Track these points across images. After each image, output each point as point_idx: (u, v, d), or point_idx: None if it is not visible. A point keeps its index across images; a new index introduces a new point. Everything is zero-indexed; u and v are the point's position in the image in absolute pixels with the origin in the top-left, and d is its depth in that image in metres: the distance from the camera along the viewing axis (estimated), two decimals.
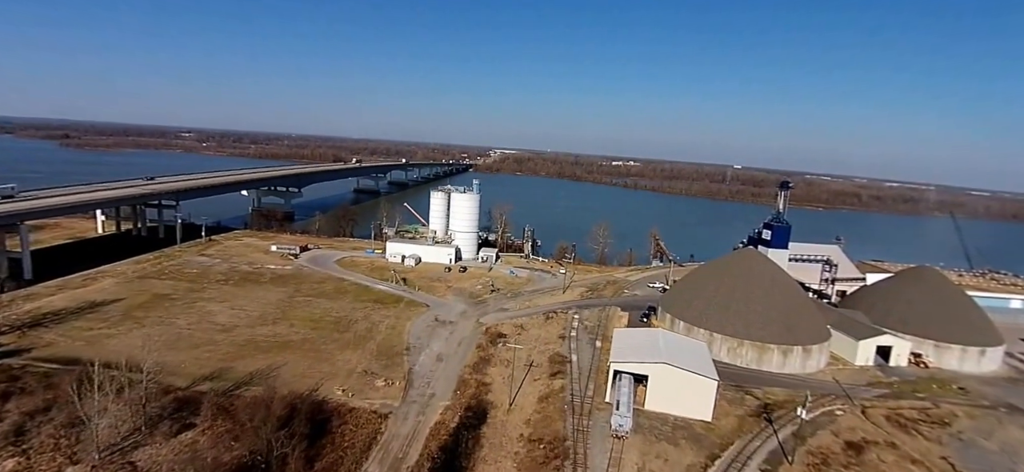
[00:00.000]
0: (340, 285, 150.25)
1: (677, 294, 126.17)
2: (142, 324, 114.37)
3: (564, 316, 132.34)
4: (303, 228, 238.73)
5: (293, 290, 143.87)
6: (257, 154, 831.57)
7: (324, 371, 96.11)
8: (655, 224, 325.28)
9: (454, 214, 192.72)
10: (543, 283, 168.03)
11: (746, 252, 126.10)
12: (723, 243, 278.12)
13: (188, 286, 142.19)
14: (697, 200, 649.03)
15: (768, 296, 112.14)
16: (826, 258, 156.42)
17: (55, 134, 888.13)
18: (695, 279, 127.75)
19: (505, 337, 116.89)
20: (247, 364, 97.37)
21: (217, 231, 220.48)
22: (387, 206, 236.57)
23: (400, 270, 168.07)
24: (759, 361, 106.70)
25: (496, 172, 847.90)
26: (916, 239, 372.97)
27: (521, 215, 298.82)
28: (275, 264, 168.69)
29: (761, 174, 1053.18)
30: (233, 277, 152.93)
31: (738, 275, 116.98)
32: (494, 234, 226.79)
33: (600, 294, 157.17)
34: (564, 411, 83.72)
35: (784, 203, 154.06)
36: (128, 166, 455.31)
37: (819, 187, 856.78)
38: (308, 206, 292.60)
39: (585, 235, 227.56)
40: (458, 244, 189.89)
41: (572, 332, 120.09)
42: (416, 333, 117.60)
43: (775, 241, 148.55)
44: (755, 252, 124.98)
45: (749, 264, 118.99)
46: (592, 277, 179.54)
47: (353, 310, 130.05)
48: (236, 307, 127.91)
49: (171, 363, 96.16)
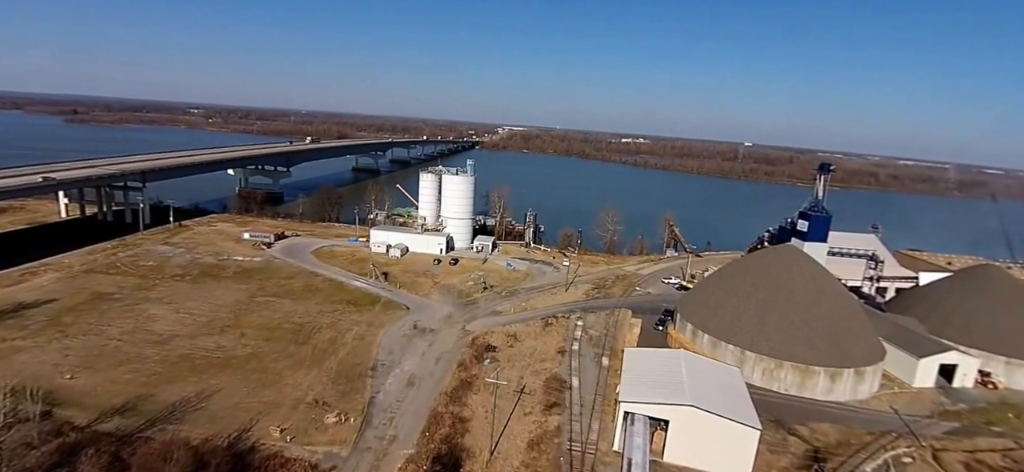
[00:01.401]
0: (311, 282, 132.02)
1: (700, 298, 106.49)
2: (66, 333, 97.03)
3: (565, 322, 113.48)
4: (286, 212, 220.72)
5: (256, 288, 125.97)
6: (261, 131, 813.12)
7: (266, 401, 78.17)
8: (668, 208, 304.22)
9: (446, 198, 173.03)
10: (543, 278, 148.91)
11: (785, 249, 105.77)
12: (743, 230, 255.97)
13: (136, 283, 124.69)
14: (709, 179, 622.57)
15: (813, 306, 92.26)
16: (871, 253, 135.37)
17: (64, 110, 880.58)
18: (722, 281, 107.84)
19: (494, 350, 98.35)
20: (173, 390, 79.69)
21: (193, 214, 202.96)
22: (375, 189, 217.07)
23: (382, 263, 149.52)
24: (801, 386, 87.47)
25: (503, 149, 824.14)
26: (947, 224, 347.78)
27: (524, 197, 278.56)
28: (243, 255, 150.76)
29: (775, 152, 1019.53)
30: (192, 271, 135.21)
31: (775, 278, 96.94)
32: (492, 218, 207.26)
33: (608, 292, 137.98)
34: (559, 465, 65.26)
35: (824, 189, 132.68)
36: (127, 142, 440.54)
37: (836, 166, 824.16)
38: (300, 186, 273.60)
39: (592, 220, 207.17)
40: (450, 232, 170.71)
41: (574, 344, 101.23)
42: (388, 346, 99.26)
43: (813, 233, 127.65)
44: (795, 249, 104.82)
45: (789, 264, 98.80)
46: (599, 271, 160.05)
47: (319, 315, 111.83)
48: (184, 310, 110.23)
49: (80, 389, 79.01)
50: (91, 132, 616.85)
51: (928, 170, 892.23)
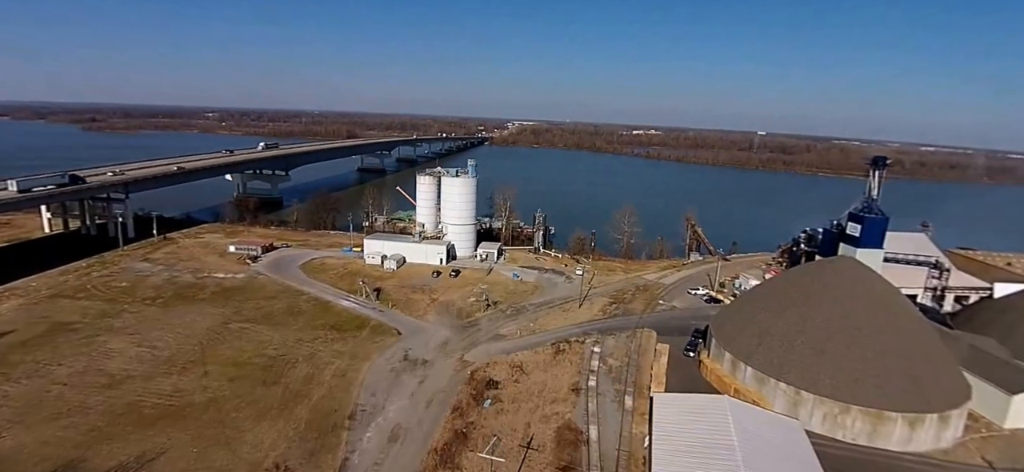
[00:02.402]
0: (294, 303, 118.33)
1: (738, 319, 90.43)
2: (9, 376, 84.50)
3: (580, 347, 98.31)
4: (281, 219, 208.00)
5: (232, 312, 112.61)
6: (271, 132, 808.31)
7: (216, 467, 64.33)
8: (686, 203, 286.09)
9: (446, 202, 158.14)
10: (554, 291, 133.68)
11: (842, 262, 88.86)
12: (771, 226, 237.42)
13: (102, 309, 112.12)
14: (725, 170, 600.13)
15: (883, 333, 75.89)
16: (935, 260, 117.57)
17: (83, 118, 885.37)
18: (765, 298, 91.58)
19: (497, 388, 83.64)
20: (110, 452, 66.44)
21: (184, 224, 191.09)
22: (373, 192, 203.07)
23: (376, 277, 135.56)
24: (872, 435, 71.27)
25: (513, 144, 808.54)
26: (990, 216, 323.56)
27: (533, 196, 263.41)
28: (225, 272, 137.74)
29: (791, 141, 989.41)
30: (165, 293, 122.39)
31: (833, 298, 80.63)
32: (500, 220, 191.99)
33: (627, 307, 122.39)
34: None
35: (878, 186, 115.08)
36: (138, 148, 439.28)
37: (856, 154, 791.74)
38: (302, 190, 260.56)
39: (606, 220, 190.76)
40: (451, 240, 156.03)
41: (590, 378, 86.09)
42: (372, 384, 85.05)
43: (867, 238, 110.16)
44: (854, 262, 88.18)
45: (849, 281, 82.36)
46: (616, 280, 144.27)
47: (297, 345, 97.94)
48: (146, 342, 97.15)
49: (4, 452, 66.15)
50: (104, 139, 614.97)
51: (953, 156, 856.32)
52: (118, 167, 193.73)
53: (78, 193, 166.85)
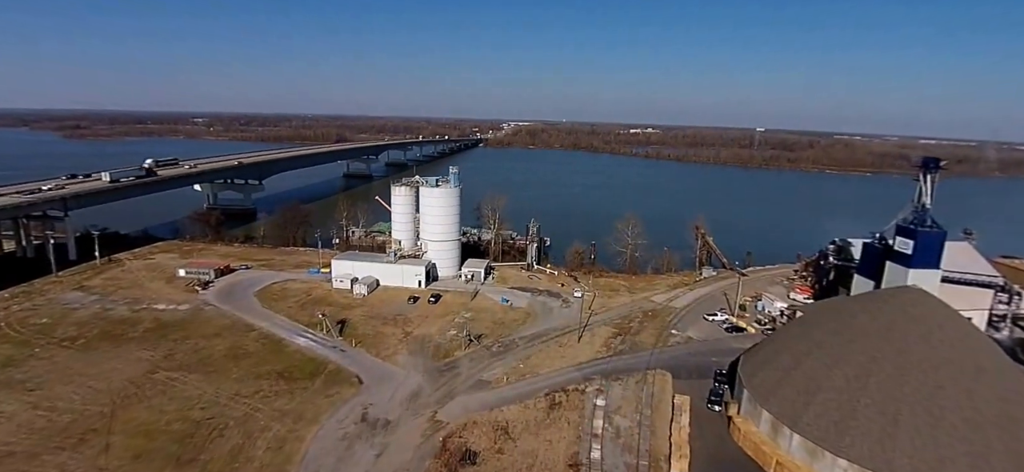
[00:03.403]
0: (239, 342, 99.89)
1: (775, 365, 72.42)
2: None
3: (579, 398, 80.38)
4: (248, 234, 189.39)
5: (163, 355, 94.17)
6: (260, 137, 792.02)
7: None
8: (693, 207, 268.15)
9: (425, 216, 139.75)
10: (549, 319, 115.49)
11: (908, 295, 70.79)
12: (789, 234, 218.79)
13: (8, 354, 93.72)
14: (728, 169, 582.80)
15: (974, 390, 58.17)
16: (1003, 282, 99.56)
17: (67, 126, 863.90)
18: (806, 338, 73.49)
19: (475, 461, 65.62)
20: None
21: (137, 243, 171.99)
22: (346, 202, 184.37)
23: (342, 306, 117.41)
24: None
25: (508, 146, 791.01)
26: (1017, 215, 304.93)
27: (526, 202, 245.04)
28: (168, 302, 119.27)
29: (792, 136, 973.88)
30: (90, 331, 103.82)
31: (903, 344, 62.77)
32: (489, 230, 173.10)
33: (635, 339, 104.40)
34: None
35: (930, 191, 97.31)
36: (116, 156, 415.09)
37: (861, 149, 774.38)
38: (280, 198, 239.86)
39: (607, 229, 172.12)
40: (431, 258, 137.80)
41: (593, 448, 68.09)
42: (315, 460, 66.76)
43: (921, 256, 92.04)
44: (923, 294, 70.39)
45: (920, 320, 64.60)
46: (620, 303, 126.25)
47: (231, 402, 79.59)
48: (47, 401, 78.84)
49: None
50: (86, 147, 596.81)
51: (959, 148, 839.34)
52: (55, 181, 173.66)
53: (16, 209, 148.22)
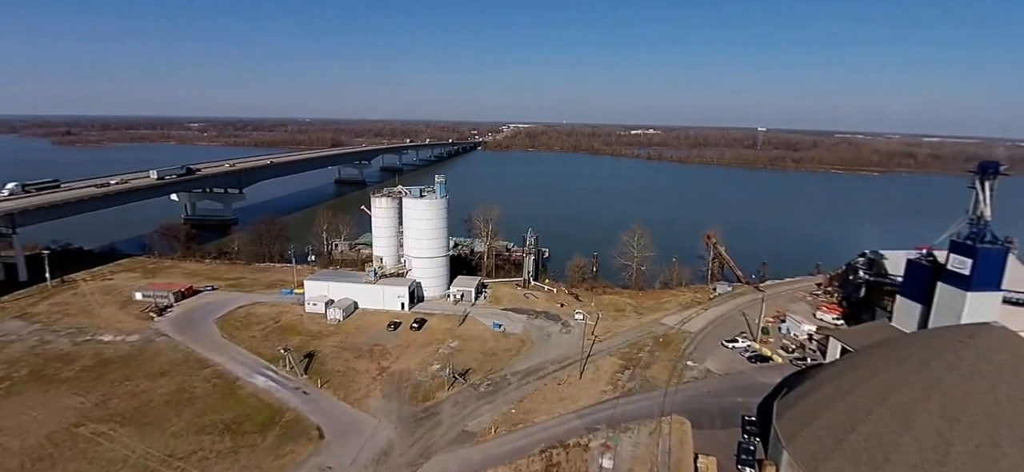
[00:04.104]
0: (188, 382, 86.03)
1: (822, 420, 58.36)
2: None
3: (582, 458, 66.47)
4: (222, 247, 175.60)
5: (95, 402, 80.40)
6: (255, 142, 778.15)
7: None
8: (700, 211, 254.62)
9: (409, 230, 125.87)
10: (547, 348, 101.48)
11: (990, 335, 56.00)
12: (807, 242, 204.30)
13: None
14: (732, 170, 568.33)
15: None
16: None
17: (57, 131, 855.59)
18: (869, 394, 59.21)
19: None
20: None
21: (99, 261, 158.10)
22: (327, 213, 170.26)
23: (313, 333, 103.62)
24: None
25: (507, 149, 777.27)
26: None
27: (524, 208, 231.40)
28: (116, 331, 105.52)
29: (794, 136, 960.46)
30: (19, 370, 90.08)
31: (994, 400, 48.96)
32: (482, 241, 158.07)
33: (646, 373, 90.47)
34: None
35: (989, 200, 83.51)
36: (102, 164, 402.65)
37: (866, 148, 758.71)
38: (263, 208, 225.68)
39: (611, 239, 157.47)
40: (416, 276, 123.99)
41: None
42: None
43: (981, 277, 78.11)
44: (1008, 334, 56.52)
45: (1011, 369, 50.61)
46: (627, 326, 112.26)
47: (162, 466, 65.76)
48: None
49: None
50: (73, 154, 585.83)
51: (967, 146, 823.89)
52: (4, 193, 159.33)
53: None
